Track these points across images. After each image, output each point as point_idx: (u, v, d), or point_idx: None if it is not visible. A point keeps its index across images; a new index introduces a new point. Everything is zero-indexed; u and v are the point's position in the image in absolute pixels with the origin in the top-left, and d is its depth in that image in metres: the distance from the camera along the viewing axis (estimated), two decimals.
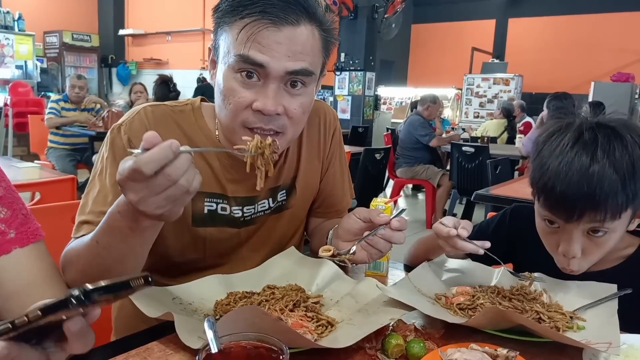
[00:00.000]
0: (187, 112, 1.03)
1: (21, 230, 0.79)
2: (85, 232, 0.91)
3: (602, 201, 0.87)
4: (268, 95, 0.87)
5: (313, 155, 1.15)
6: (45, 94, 8.48)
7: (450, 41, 11.49)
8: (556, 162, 0.90)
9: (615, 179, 0.87)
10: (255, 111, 0.89)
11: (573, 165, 0.88)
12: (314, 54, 0.91)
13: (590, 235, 0.93)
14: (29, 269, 0.78)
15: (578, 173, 0.87)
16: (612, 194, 0.86)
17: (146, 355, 0.74)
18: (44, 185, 2.30)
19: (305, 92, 0.92)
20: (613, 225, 0.91)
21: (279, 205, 1.11)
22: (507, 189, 2.69)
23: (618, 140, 0.89)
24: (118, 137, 0.96)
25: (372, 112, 8.44)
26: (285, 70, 0.87)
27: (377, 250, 0.96)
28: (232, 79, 0.89)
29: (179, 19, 10.52)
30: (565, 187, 0.88)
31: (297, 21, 0.87)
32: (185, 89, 8.02)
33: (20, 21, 9.50)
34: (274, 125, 0.90)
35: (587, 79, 8.82)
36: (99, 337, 0.79)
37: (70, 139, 4.98)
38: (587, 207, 0.88)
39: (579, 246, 0.93)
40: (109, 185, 0.94)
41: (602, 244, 0.94)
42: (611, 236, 0.94)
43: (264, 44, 0.85)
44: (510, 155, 4.61)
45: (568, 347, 0.79)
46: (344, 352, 0.76)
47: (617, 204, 0.87)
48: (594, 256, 0.96)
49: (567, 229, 0.94)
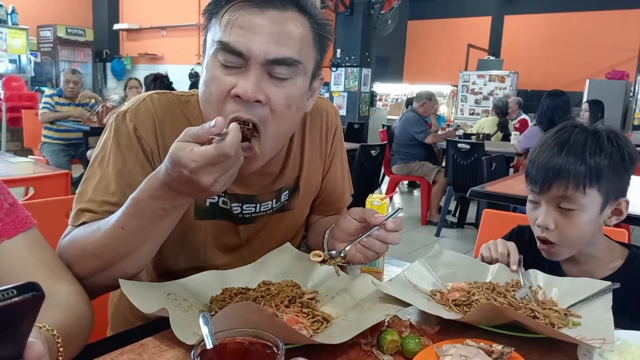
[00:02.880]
0: (192, 103, 0.99)
1: (7, 221, 0.77)
2: (87, 220, 0.88)
3: (564, 171, 1.03)
4: (248, 79, 0.82)
5: (315, 153, 1.13)
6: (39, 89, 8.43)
7: (446, 38, 11.50)
8: (539, 150, 1.10)
9: (580, 156, 1.03)
10: (234, 97, 0.83)
11: (548, 150, 1.08)
12: (303, 44, 0.86)
13: (562, 210, 1.06)
14: (21, 259, 0.76)
15: (550, 154, 1.06)
16: (573, 165, 1.03)
17: (141, 351, 0.74)
18: (37, 180, 2.28)
19: (292, 83, 0.86)
20: (580, 201, 1.04)
21: (281, 206, 1.09)
22: (502, 185, 2.70)
23: (593, 137, 1.05)
24: (123, 124, 0.93)
25: (367, 108, 8.45)
26: (266, 55, 0.82)
27: (373, 252, 0.95)
28: (213, 66, 0.85)
29: (174, 13, 10.47)
30: (539, 164, 1.08)
31: (284, 6, 0.84)
32: (180, 84, 7.99)
33: (14, 15, 9.42)
34: (252, 115, 0.83)
35: (582, 77, 8.85)
36: (94, 333, 0.79)
37: (64, 134, 4.95)
38: (554, 177, 1.04)
39: (551, 217, 1.06)
40: (112, 173, 0.91)
41: (574, 221, 1.05)
42: (582, 215, 1.05)
43: (245, 27, 0.81)
44: (505, 152, 4.63)
45: (563, 343, 0.80)
46: (340, 348, 0.76)
47: (579, 175, 1.02)
48: (569, 234, 1.06)
49: (542, 203, 1.08)
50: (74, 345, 0.70)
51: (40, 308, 0.42)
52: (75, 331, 0.71)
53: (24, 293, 0.40)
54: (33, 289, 0.40)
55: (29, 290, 0.40)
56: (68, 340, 0.66)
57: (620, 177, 1.06)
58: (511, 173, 4.93)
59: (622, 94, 8.27)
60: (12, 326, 0.41)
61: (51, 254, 0.82)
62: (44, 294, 0.41)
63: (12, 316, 0.40)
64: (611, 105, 7.44)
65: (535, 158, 1.09)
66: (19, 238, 0.77)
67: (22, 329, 0.43)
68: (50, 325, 0.64)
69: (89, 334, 0.77)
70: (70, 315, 0.73)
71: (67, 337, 0.66)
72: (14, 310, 0.40)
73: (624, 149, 1.05)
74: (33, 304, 0.41)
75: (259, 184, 1.03)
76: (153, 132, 0.93)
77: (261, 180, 1.04)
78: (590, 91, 8.17)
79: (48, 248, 0.82)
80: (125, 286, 0.84)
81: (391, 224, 0.91)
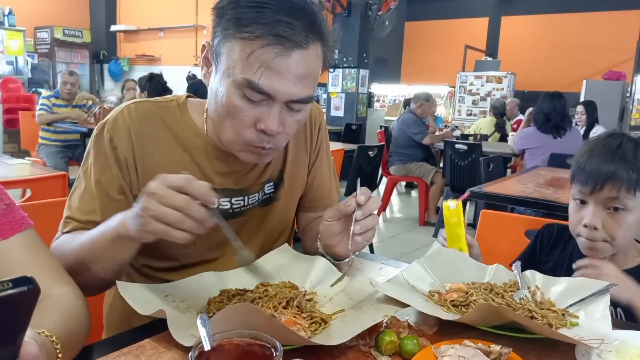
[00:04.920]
0: (172, 107, 1.03)
1: (3, 221, 0.76)
2: (70, 229, 0.96)
3: (617, 176, 1.12)
4: (272, 117, 0.88)
5: (300, 148, 1.17)
6: (36, 90, 8.41)
7: (443, 39, 11.52)
8: (589, 155, 1.18)
9: (631, 161, 1.12)
10: (259, 130, 0.90)
11: (599, 156, 1.16)
12: (317, 74, 0.91)
13: (610, 212, 1.14)
14: (17, 259, 0.75)
15: (603, 159, 1.15)
16: (625, 170, 1.12)
17: (138, 353, 0.74)
18: (34, 182, 2.27)
19: (305, 110, 0.94)
20: (629, 203, 1.12)
21: (266, 198, 1.12)
22: (499, 186, 2.70)
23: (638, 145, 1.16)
24: (101, 136, 0.98)
25: (365, 109, 8.44)
26: (290, 97, 0.88)
27: (371, 230, 0.97)
28: (236, 96, 0.87)
29: (172, 15, 10.45)
30: (591, 168, 1.15)
31: (306, 42, 0.85)
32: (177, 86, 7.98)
33: (11, 16, 9.39)
34: (273, 144, 0.93)
35: (579, 78, 8.87)
36: (90, 336, 0.79)
37: (61, 136, 4.94)
38: (606, 180, 1.12)
39: (599, 217, 1.14)
40: (93, 183, 0.97)
41: (620, 222, 1.13)
42: (628, 216, 1.13)
43: (274, 70, 0.84)
44: (502, 152, 4.63)
45: (561, 343, 0.80)
46: (338, 349, 0.76)
47: (632, 178, 1.11)
48: (615, 233, 1.13)
49: (590, 203, 1.16)
50: (72, 348, 0.70)
51: (36, 303, 0.42)
52: (74, 335, 0.71)
53: (20, 286, 0.39)
54: (29, 282, 0.40)
55: (24, 284, 0.40)
56: (66, 344, 0.66)
57: None
58: (509, 174, 4.94)
59: (619, 95, 8.29)
60: (8, 319, 0.41)
61: (48, 255, 0.81)
62: (39, 288, 0.41)
63: (8, 309, 0.40)
64: (608, 106, 7.47)
65: (585, 162, 1.17)
66: (15, 239, 0.77)
67: (18, 324, 0.43)
68: (49, 330, 0.64)
69: (87, 336, 0.77)
70: (68, 319, 0.72)
71: (65, 341, 0.65)
72: (9, 302, 0.40)
73: None
74: (29, 298, 0.41)
75: (246, 175, 1.07)
76: (129, 141, 0.98)
77: (248, 173, 1.07)
78: (587, 92, 8.19)
79: (45, 249, 0.81)
80: (122, 288, 0.84)
81: (361, 197, 0.94)
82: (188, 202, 0.76)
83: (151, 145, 0.99)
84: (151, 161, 0.99)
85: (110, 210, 0.93)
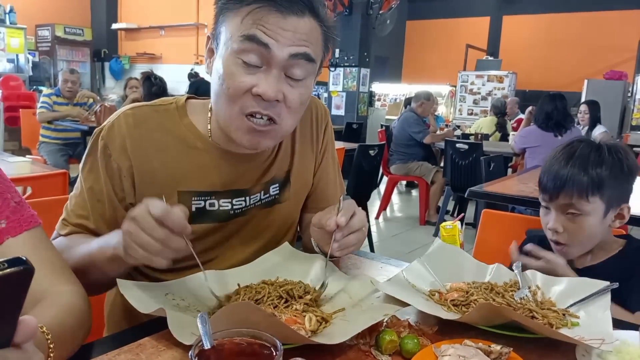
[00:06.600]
0: (171, 110, 1.02)
1: (13, 219, 0.77)
2: (65, 233, 0.98)
3: (570, 182, 1.17)
4: (269, 80, 0.88)
5: (307, 148, 1.15)
6: (37, 88, 8.41)
7: (444, 38, 11.50)
8: (549, 162, 1.24)
9: (585, 167, 1.16)
10: (255, 96, 0.89)
11: (557, 163, 1.21)
12: (316, 45, 0.92)
13: (569, 216, 1.19)
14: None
15: (558, 166, 1.20)
16: (578, 176, 1.16)
17: (138, 351, 0.74)
18: (35, 180, 2.27)
19: (304, 84, 0.93)
20: (585, 207, 1.17)
21: (270, 199, 1.10)
22: (500, 186, 2.69)
23: (596, 150, 1.18)
24: (97, 142, 0.98)
25: (366, 108, 8.43)
26: (288, 54, 0.87)
27: (353, 246, 0.93)
28: (233, 63, 0.89)
29: (173, 13, 10.45)
30: (549, 175, 1.22)
31: (302, 12, 0.88)
32: (178, 84, 7.98)
33: (12, 14, 9.39)
34: (271, 112, 0.90)
35: (581, 77, 8.86)
36: (91, 333, 0.79)
37: (62, 134, 4.94)
38: (561, 187, 1.18)
39: (559, 222, 1.20)
40: (85, 190, 0.99)
41: (581, 226, 1.18)
42: (587, 219, 1.17)
43: (270, 28, 0.86)
44: (503, 152, 4.62)
45: (561, 343, 0.80)
46: (338, 348, 0.76)
47: (583, 185, 1.15)
48: (577, 236, 1.19)
49: (552, 209, 1.22)
50: (67, 344, 0.70)
51: (30, 283, 0.42)
52: (70, 330, 0.71)
53: (15, 266, 0.41)
54: (23, 263, 0.41)
55: (19, 264, 0.41)
56: (60, 338, 0.65)
57: (621, 186, 1.19)
58: (509, 173, 4.94)
59: (620, 95, 8.29)
60: (4, 298, 0.42)
61: (54, 253, 0.82)
62: (33, 268, 0.42)
63: (4, 288, 0.41)
64: (609, 106, 7.46)
65: (546, 169, 1.23)
66: (24, 236, 0.77)
67: (14, 303, 0.43)
68: (43, 323, 0.64)
69: (86, 333, 0.77)
70: (66, 314, 0.72)
71: (59, 335, 0.65)
72: (5, 282, 0.40)
73: (624, 161, 1.18)
74: (23, 277, 0.42)
75: (249, 176, 1.06)
76: (123, 149, 0.97)
77: (251, 173, 1.06)
78: (588, 91, 8.18)
79: (52, 248, 0.82)
80: (123, 286, 0.84)
81: (342, 219, 0.89)
82: (168, 236, 0.77)
83: (150, 151, 0.98)
84: (150, 167, 0.98)
85: (102, 218, 0.97)
